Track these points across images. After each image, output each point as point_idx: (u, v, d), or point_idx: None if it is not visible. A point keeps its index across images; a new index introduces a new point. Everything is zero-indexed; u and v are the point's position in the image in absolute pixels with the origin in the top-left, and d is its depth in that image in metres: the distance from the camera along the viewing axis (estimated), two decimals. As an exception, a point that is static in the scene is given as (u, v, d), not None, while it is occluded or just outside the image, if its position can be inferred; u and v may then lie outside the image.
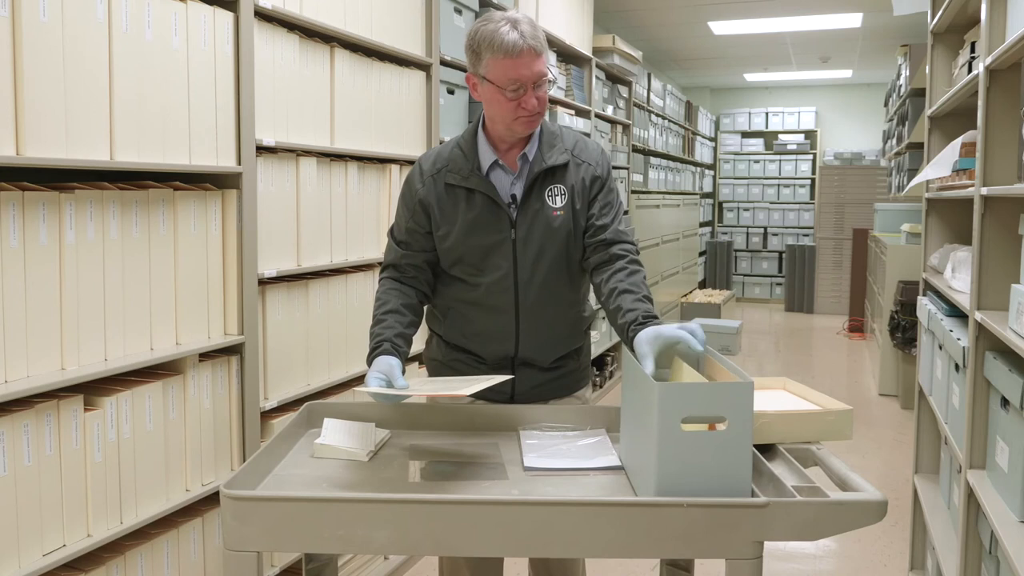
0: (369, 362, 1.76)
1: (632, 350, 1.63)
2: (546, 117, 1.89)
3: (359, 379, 2.72)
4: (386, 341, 1.77)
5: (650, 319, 1.67)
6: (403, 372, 1.72)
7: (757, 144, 11.04)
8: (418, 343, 1.98)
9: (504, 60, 1.70)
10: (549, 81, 1.77)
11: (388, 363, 1.71)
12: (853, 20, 6.99)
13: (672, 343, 1.58)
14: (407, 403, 1.94)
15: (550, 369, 1.93)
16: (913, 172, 5.27)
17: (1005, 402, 1.79)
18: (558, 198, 1.82)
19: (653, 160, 7.18)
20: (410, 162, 2.98)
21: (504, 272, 1.83)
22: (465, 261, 1.85)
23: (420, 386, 1.68)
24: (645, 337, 1.59)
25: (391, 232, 1.92)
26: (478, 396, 1.93)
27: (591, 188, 1.84)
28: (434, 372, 2.01)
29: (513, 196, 1.82)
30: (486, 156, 1.82)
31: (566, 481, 1.52)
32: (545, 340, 1.89)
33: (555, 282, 1.85)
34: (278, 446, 1.63)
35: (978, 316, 1.92)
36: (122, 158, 1.78)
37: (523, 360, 1.90)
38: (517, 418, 1.81)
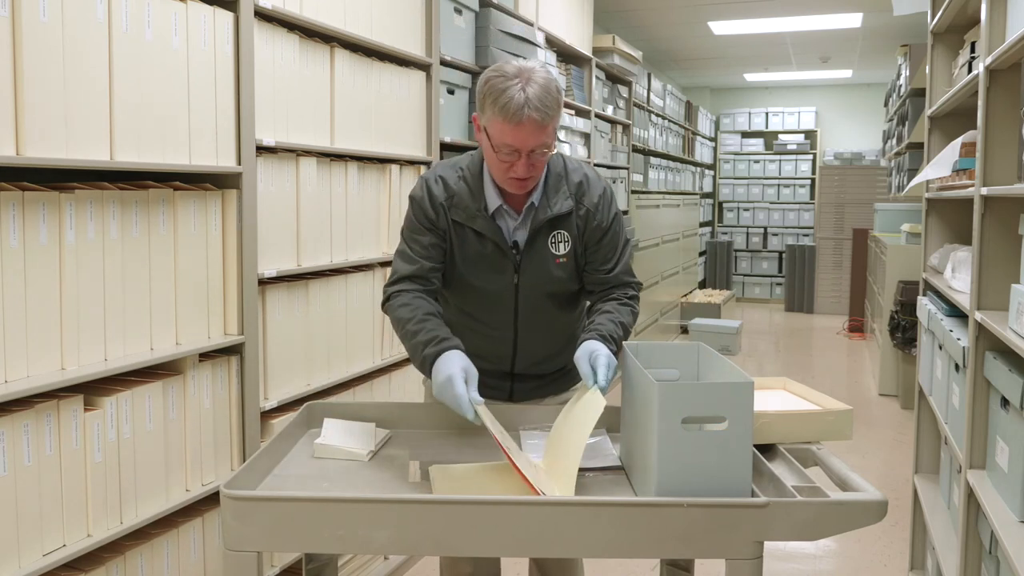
0: (434, 356, 1.60)
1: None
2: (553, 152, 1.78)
3: (359, 379, 2.72)
4: (452, 338, 1.63)
5: (592, 335, 1.66)
6: None
7: (757, 144, 11.03)
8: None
9: (503, 124, 1.60)
10: (552, 147, 1.68)
11: (466, 361, 1.58)
12: (853, 20, 6.99)
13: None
14: (408, 403, 1.94)
15: (547, 374, 1.95)
16: (913, 172, 5.27)
17: (1005, 402, 1.79)
18: (562, 245, 1.78)
19: (653, 160, 7.18)
20: (410, 162, 2.98)
21: (506, 311, 1.83)
22: (468, 297, 1.85)
23: (493, 429, 1.51)
24: (579, 352, 1.63)
25: (407, 247, 1.79)
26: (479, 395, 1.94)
27: (593, 234, 1.79)
28: None
29: (515, 243, 1.78)
30: (492, 199, 1.75)
31: (566, 481, 1.52)
32: (541, 359, 1.91)
33: (554, 313, 1.85)
34: (278, 446, 1.63)
35: (978, 316, 1.92)
36: (122, 158, 1.78)
37: (519, 373, 1.93)
38: (517, 418, 1.81)
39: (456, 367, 1.55)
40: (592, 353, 1.60)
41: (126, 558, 1.83)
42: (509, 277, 1.79)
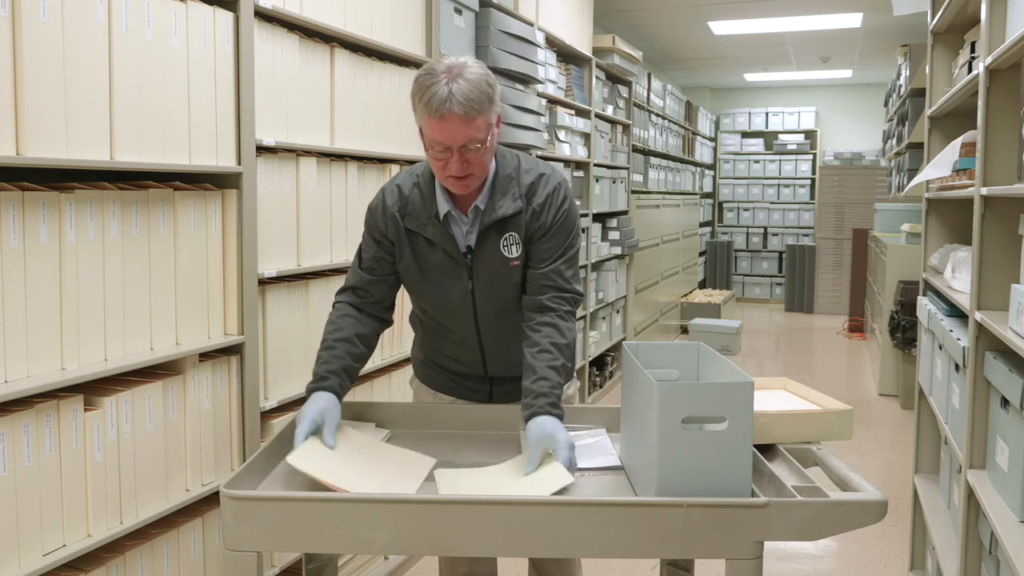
0: (309, 391, 1.69)
1: (524, 422, 1.62)
2: (503, 156, 1.78)
3: (359, 379, 2.71)
4: (334, 375, 1.69)
5: (545, 407, 1.61)
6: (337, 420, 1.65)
7: (757, 144, 11.03)
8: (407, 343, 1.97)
9: (430, 119, 1.60)
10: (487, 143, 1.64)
11: (329, 404, 1.64)
12: (853, 20, 6.99)
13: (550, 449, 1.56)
14: (408, 403, 1.94)
15: None
16: (913, 172, 5.27)
17: (1005, 402, 1.79)
18: (514, 247, 1.75)
19: (653, 160, 7.18)
20: (410, 162, 2.98)
21: (466, 318, 1.82)
22: (431, 304, 1.85)
23: (340, 462, 1.54)
24: (534, 437, 1.56)
25: (358, 257, 1.85)
26: (459, 396, 1.94)
27: (535, 234, 1.75)
28: (417, 370, 2.04)
29: (469, 247, 1.76)
30: (442, 204, 1.74)
31: (566, 481, 1.52)
32: (515, 362, 1.88)
33: (516, 317, 1.81)
34: (278, 446, 1.63)
35: (978, 316, 1.92)
36: (122, 158, 1.78)
37: (496, 377, 1.92)
38: (517, 418, 1.81)
39: (310, 410, 1.62)
40: (550, 441, 1.55)
41: (126, 558, 1.83)
42: (464, 283, 1.77)
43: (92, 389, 1.78)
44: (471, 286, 1.77)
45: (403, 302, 2.89)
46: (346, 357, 1.73)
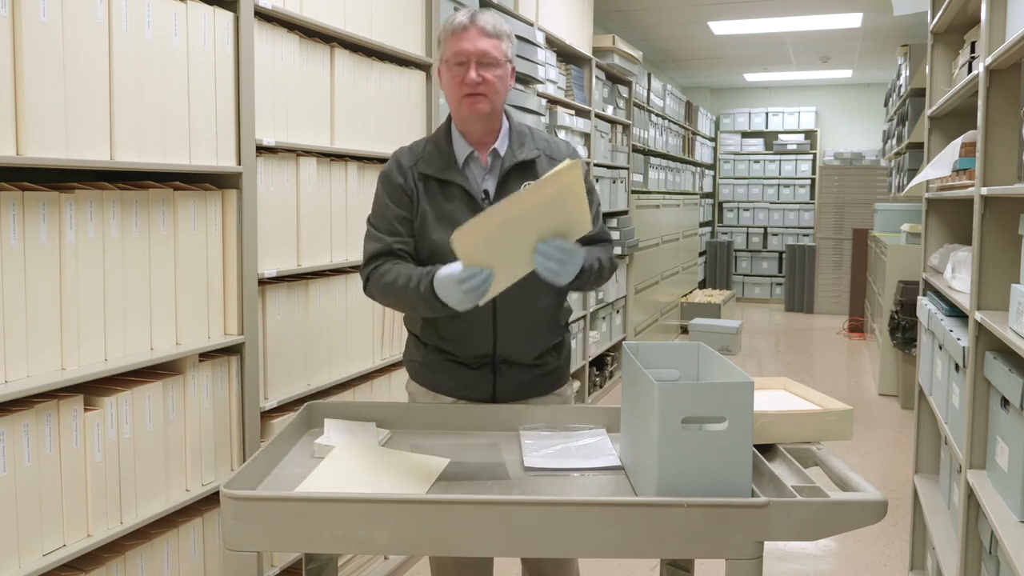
0: (429, 286, 1.66)
1: None
2: (515, 118, 1.91)
3: (359, 379, 2.72)
4: (433, 267, 1.70)
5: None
6: None
7: (757, 144, 11.04)
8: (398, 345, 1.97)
9: (451, 37, 1.79)
10: (513, 66, 1.82)
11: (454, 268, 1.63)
12: (853, 20, 6.99)
13: None
14: (408, 403, 1.94)
15: (531, 367, 1.91)
16: (913, 172, 5.27)
17: (1005, 402, 1.79)
18: None
19: (653, 160, 7.18)
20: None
21: None
22: (438, 254, 1.80)
23: (354, 476, 1.55)
24: None
25: (374, 228, 1.86)
26: (459, 396, 1.91)
27: None
28: (414, 374, 2.00)
29: (486, 191, 1.84)
30: (462, 149, 1.85)
31: (566, 481, 1.52)
32: (524, 335, 1.87)
33: (531, 275, 1.77)
34: (278, 446, 1.63)
35: (978, 316, 1.93)
36: (122, 158, 1.78)
37: (503, 358, 1.87)
38: (517, 418, 1.82)
39: (447, 274, 1.62)
40: None
41: (126, 558, 1.83)
42: None
43: (92, 389, 1.78)
44: None
45: (403, 302, 2.89)
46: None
